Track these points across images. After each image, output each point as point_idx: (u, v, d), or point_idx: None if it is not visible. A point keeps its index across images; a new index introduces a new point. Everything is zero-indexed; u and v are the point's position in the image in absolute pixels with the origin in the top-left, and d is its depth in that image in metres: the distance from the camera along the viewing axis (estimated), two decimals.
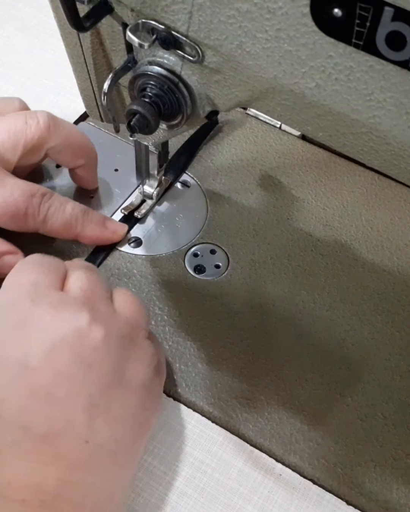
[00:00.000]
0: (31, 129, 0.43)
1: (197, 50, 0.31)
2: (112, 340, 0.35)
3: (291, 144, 0.55)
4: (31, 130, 0.43)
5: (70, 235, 0.46)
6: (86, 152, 0.48)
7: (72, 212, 0.45)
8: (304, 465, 0.41)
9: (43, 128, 0.44)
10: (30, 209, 0.43)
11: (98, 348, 0.34)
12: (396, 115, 0.27)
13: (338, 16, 0.25)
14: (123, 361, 0.36)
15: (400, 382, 0.44)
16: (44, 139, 0.44)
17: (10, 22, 0.63)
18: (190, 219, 0.51)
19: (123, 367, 0.36)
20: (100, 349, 0.34)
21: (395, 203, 0.53)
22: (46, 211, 0.44)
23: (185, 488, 0.40)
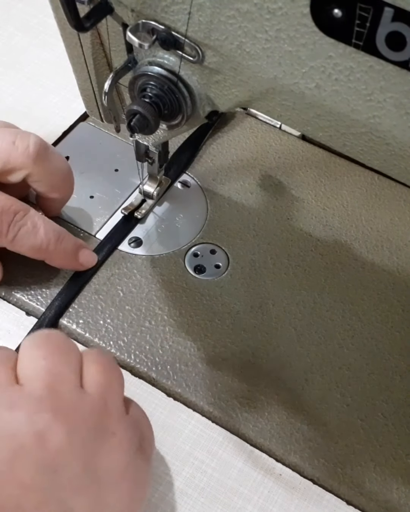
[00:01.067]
0: (17, 152, 0.41)
1: (197, 50, 0.31)
2: (78, 437, 0.32)
3: (291, 144, 0.56)
4: (16, 153, 0.41)
5: (39, 258, 0.44)
6: (64, 189, 0.46)
7: (44, 238, 0.43)
8: (304, 465, 0.41)
9: (30, 154, 0.41)
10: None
11: (62, 451, 0.31)
12: (396, 115, 0.27)
13: (338, 17, 0.25)
14: (93, 457, 0.32)
15: (400, 382, 0.44)
16: (26, 166, 0.42)
17: (10, 22, 0.63)
18: (190, 219, 0.51)
19: (95, 463, 0.32)
20: (64, 451, 0.31)
21: (395, 203, 0.53)
22: (16, 232, 0.42)
23: (185, 488, 0.40)
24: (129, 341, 0.45)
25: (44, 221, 0.43)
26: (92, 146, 0.54)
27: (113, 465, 0.33)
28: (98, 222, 0.50)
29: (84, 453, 0.32)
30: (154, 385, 0.43)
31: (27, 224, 0.42)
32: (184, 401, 0.43)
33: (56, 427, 0.31)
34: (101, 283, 0.47)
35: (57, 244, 0.44)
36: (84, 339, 0.45)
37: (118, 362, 0.44)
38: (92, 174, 0.53)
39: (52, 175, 0.44)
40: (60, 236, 0.44)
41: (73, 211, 0.50)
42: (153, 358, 0.44)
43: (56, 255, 0.44)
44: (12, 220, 0.41)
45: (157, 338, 0.45)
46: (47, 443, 0.31)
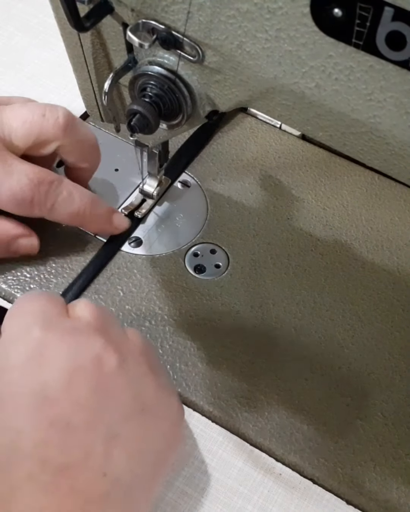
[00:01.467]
0: (48, 124, 0.42)
1: (197, 50, 0.31)
2: (130, 366, 0.34)
3: (291, 144, 0.56)
4: (48, 125, 0.42)
5: (76, 224, 0.47)
6: (93, 158, 0.48)
7: (80, 204, 0.44)
8: (304, 464, 0.41)
9: (61, 125, 0.42)
10: (36, 198, 0.42)
11: (116, 375, 0.33)
12: (396, 115, 0.27)
13: (338, 16, 0.25)
14: (142, 389, 0.35)
15: (400, 382, 0.44)
16: (57, 137, 0.43)
17: (11, 22, 0.63)
18: (190, 219, 0.51)
19: (143, 395, 0.35)
20: (118, 376, 0.34)
21: (395, 203, 0.53)
22: (53, 201, 0.43)
23: (185, 487, 0.40)
24: None
25: (78, 188, 0.45)
26: None
27: (157, 402, 0.35)
28: None
29: (135, 383, 0.34)
30: None
31: (63, 193, 0.43)
32: (184, 401, 0.43)
33: (112, 354, 0.34)
34: (101, 283, 0.47)
35: (93, 209, 0.45)
36: None
37: None
38: None
39: (82, 145, 0.46)
40: (94, 201, 0.45)
41: None
42: None
43: (93, 219, 0.46)
44: (49, 190, 0.42)
45: (157, 338, 0.45)
46: (103, 366, 0.33)
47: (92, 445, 0.32)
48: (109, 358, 0.33)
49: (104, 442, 0.32)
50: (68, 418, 0.32)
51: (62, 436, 0.32)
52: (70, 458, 0.31)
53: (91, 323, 0.35)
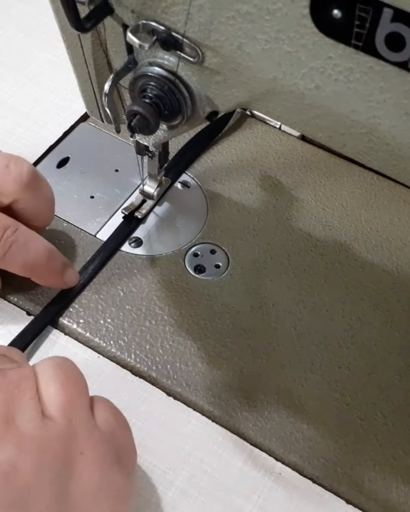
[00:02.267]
0: (9, 177, 0.40)
1: (197, 51, 0.31)
2: (45, 467, 0.30)
3: (290, 144, 0.56)
4: (9, 178, 0.40)
5: (26, 275, 0.43)
6: (46, 218, 0.45)
7: (35, 257, 0.42)
8: (304, 464, 0.41)
9: (23, 181, 0.40)
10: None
11: (31, 485, 0.30)
12: (396, 116, 0.28)
13: (338, 17, 0.25)
14: (65, 483, 0.31)
15: (399, 382, 0.44)
16: (16, 192, 0.41)
17: (11, 22, 0.63)
18: (190, 219, 0.51)
19: (68, 489, 0.31)
20: (33, 485, 0.30)
21: (394, 203, 0.53)
22: (6, 249, 0.40)
23: (185, 487, 0.40)
24: (130, 340, 0.45)
25: (35, 237, 0.42)
26: (93, 147, 0.54)
27: (87, 486, 0.32)
28: (99, 222, 0.50)
29: (54, 483, 0.31)
30: (155, 384, 0.44)
31: (18, 241, 0.40)
32: (184, 401, 0.43)
33: (22, 462, 0.30)
34: (101, 283, 0.47)
35: (48, 262, 0.43)
36: (84, 338, 0.45)
37: (119, 362, 0.44)
38: (92, 175, 0.53)
39: (39, 204, 0.43)
40: (51, 254, 0.43)
41: (74, 211, 0.51)
42: (154, 357, 0.44)
43: (45, 273, 0.43)
44: (2, 236, 0.40)
45: (157, 338, 0.45)
46: (14, 481, 0.30)
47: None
48: (19, 469, 0.30)
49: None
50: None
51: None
52: None
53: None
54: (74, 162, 0.53)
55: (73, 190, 0.52)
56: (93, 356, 0.44)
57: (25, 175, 0.41)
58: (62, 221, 0.50)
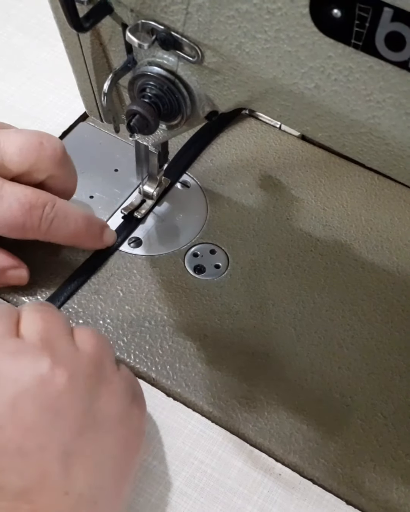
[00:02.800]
0: (45, 153, 0.42)
1: (197, 50, 0.31)
2: (78, 381, 0.34)
3: (290, 144, 0.56)
4: (45, 154, 0.42)
5: (71, 244, 0.46)
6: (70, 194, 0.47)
7: (76, 226, 0.43)
8: (304, 464, 0.41)
9: (58, 156, 0.42)
10: (29, 223, 0.41)
11: (64, 393, 0.33)
12: (396, 116, 0.27)
13: (337, 17, 0.25)
14: (93, 401, 0.34)
15: (400, 382, 0.44)
16: (52, 167, 0.42)
17: (10, 22, 0.63)
18: (190, 219, 0.51)
19: (95, 408, 0.34)
20: (65, 393, 0.33)
21: (394, 203, 0.53)
22: (48, 224, 0.42)
23: (185, 488, 0.40)
24: (129, 341, 0.45)
25: (73, 208, 0.44)
26: (92, 146, 0.54)
27: (111, 411, 0.35)
28: None
29: (85, 398, 0.34)
30: (154, 385, 0.43)
31: (57, 216, 0.42)
32: (184, 401, 0.43)
33: (58, 371, 0.33)
34: (101, 283, 0.47)
35: (87, 230, 0.45)
36: None
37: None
38: (92, 174, 0.53)
39: (69, 178, 0.45)
40: (89, 221, 0.45)
41: None
42: (153, 358, 0.44)
43: (86, 239, 0.46)
44: (42, 213, 0.41)
45: (157, 338, 0.45)
46: (49, 386, 0.33)
47: (48, 466, 0.32)
48: (55, 376, 0.33)
49: (60, 462, 0.32)
50: (19, 442, 0.32)
51: (16, 461, 0.31)
52: (28, 482, 0.31)
53: (36, 341, 0.34)
54: (74, 161, 0.53)
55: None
56: None
57: (59, 151, 0.42)
58: None
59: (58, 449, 0.32)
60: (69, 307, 0.46)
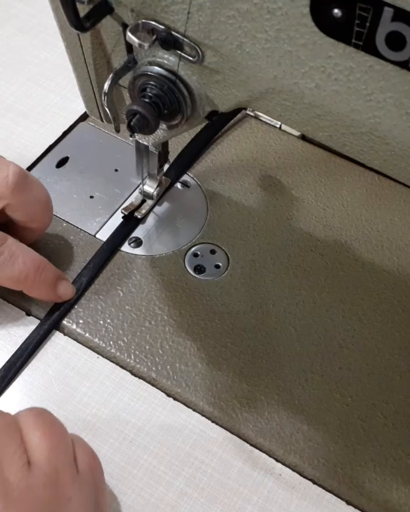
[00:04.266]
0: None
1: (197, 50, 0.31)
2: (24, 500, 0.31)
3: (291, 144, 0.56)
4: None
5: (16, 288, 0.43)
6: (42, 218, 0.45)
7: (23, 269, 0.41)
8: (304, 465, 0.41)
9: (9, 184, 0.40)
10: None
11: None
12: (396, 115, 0.27)
13: (338, 17, 0.25)
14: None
15: (400, 382, 0.44)
16: (4, 196, 0.40)
17: (10, 22, 0.63)
18: (190, 219, 0.51)
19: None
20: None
21: (395, 203, 0.53)
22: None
23: (185, 488, 0.40)
24: (129, 341, 0.45)
25: (23, 250, 0.41)
26: (92, 146, 0.54)
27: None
28: (98, 222, 0.50)
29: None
30: (154, 385, 0.43)
31: (4, 254, 0.40)
32: (184, 401, 0.43)
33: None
34: (101, 283, 0.47)
35: (36, 275, 0.42)
36: (84, 339, 0.45)
37: (118, 362, 0.44)
38: (92, 174, 0.53)
39: (32, 206, 0.43)
40: (40, 266, 0.42)
41: (73, 211, 0.50)
42: (153, 358, 0.44)
43: (35, 286, 0.43)
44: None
45: (157, 338, 0.45)
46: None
47: None
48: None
49: None
50: None
51: None
52: None
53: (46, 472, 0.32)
54: (74, 161, 0.53)
55: (73, 190, 0.51)
56: (93, 357, 0.44)
57: (11, 177, 0.40)
58: (62, 221, 0.50)
59: None
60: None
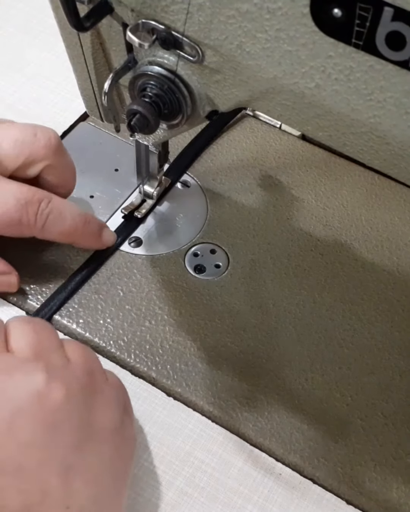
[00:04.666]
0: (39, 144, 0.42)
1: (197, 50, 0.31)
2: (74, 394, 0.33)
3: (291, 144, 0.56)
4: (39, 145, 0.42)
5: (67, 242, 0.45)
6: (70, 184, 0.47)
7: (72, 223, 0.43)
8: (304, 464, 0.41)
9: (52, 146, 0.43)
10: (24, 219, 0.41)
11: (61, 408, 0.33)
12: (396, 115, 0.27)
13: (338, 16, 0.25)
14: (89, 413, 0.34)
15: (400, 382, 0.44)
16: (47, 157, 0.43)
17: (10, 22, 0.63)
18: (190, 219, 0.51)
19: (91, 419, 0.34)
20: (63, 408, 0.33)
21: (395, 203, 0.53)
22: (44, 220, 0.42)
23: (185, 487, 0.40)
24: (129, 340, 0.45)
25: (69, 206, 0.44)
26: (92, 146, 0.54)
27: (106, 421, 0.35)
28: None
29: (82, 410, 0.34)
30: (154, 384, 0.43)
31: (53, 212, 0.42)
32: (184, 401, 0.43)
33: (54, 385, 0.33)
34: (101, 282, 0.47)
35: (85, 228, 0.45)
36: (84, 338, 0.45)
37: (118, 362, 0.44)
38: (92, 174, 0.53)
39: (66, 169, 0.46)
40: (86, 219, 0.45)
41: None
42: (153, 357, 0.44)
43: (85, 237, 0.45)
44: (38, 209, 0.42)
45: (157, 338, 0.45)
46: (46, 401, 0.32)
47: (48, 482, 0.32)
48: (51, 391, 0.32)
49: (60, 477, 0.32)
50: (18, 460, 0.31)
51: (16, 479, 0.31)
52: (29, 499, 0.31)
53: (28, 354, 0.34)
54: (74, 161, 0.53)
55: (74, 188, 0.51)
56: None
57: (53, 140, 0.43)
58: None
59: (58, 464, 0.32)
60: (69, 307, 0.46)
